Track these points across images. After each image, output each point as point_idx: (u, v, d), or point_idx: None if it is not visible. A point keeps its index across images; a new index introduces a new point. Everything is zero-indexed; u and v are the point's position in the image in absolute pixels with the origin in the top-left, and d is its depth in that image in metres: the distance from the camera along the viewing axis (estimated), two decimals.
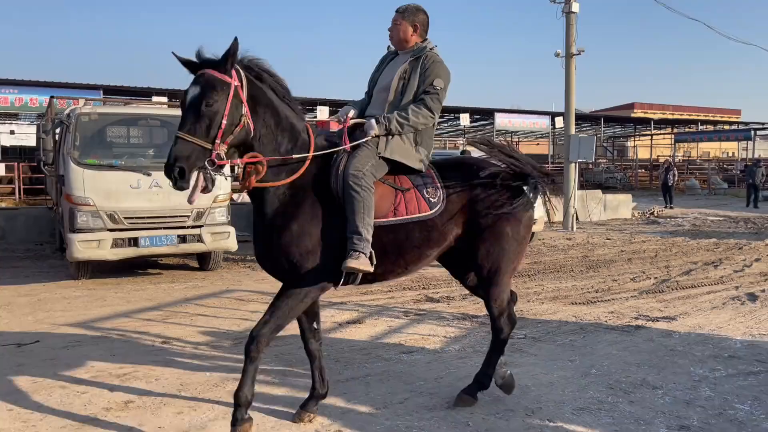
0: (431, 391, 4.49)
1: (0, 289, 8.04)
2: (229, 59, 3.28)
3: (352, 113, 3.93)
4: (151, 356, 5.24)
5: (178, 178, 3.17)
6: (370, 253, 3.55)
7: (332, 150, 3.70)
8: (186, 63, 3.37)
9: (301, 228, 3.52)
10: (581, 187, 18.82)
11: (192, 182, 3.24)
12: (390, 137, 3.74)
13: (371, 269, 3.57)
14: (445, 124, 35.25)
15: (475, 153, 12.82)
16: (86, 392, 4.41)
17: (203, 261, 9.50)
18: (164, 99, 17.73)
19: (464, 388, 4.24)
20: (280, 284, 3.78)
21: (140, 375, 4.78)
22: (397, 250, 3.76)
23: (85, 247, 7.91)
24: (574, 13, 15.63)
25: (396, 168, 3.81)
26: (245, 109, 3.36)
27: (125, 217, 8.01)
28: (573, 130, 16.42)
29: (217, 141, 3.25)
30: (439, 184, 3.86)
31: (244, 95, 3.35)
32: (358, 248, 3.50)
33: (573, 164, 16.03)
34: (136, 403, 4.23)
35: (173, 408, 4.15)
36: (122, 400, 4.28)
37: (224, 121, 3.25)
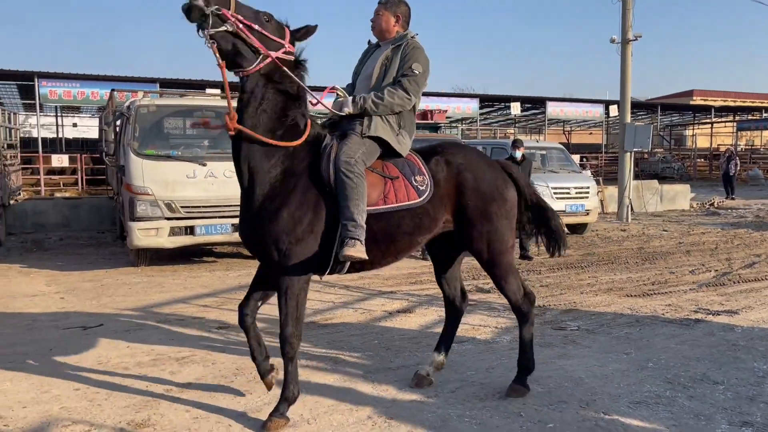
0: (482, 381, 4.47)
1: (66, 274, 8.41)
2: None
3: (338, 89, 3.95)
4: (207, 341, 5.39)
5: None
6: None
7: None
8: None
9: (292, 216, 3.53)
10: (636, 177, 18.30)
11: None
12: (371, 119, 3.77)
13: (366, 256, 3.58)
14: (495, 113, 34.74)
15: (529, 143, 12.59)
16: (147, 374, 4.58)
17: None
18: (217, 91, 18.09)
19: (514, 379, 4.24)
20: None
21: (198, 359, 4.93)
22: (388, 238, 3.79)
23: (144, 235, 8.19)
24: None
25: (383, 154, 3.85)
26: (269, 51, 3.47)
27: (182, 206, 8.24)
28: (629, 118, 15.96)
29: (234, 12, 3.32)
30: (426, 171, 3.88)
31: (286, 44, 3.55)
32: (354, 235, 3.52)
33: (628, 154, 15.59)
34: (194, 386, 4.36)
35: (230, 391, 4.26)
36: (182, 381, 4.42)
37: (249, 13, 3.42)
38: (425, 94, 22.40)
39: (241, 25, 3.35)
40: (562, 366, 4.79)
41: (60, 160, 18.53)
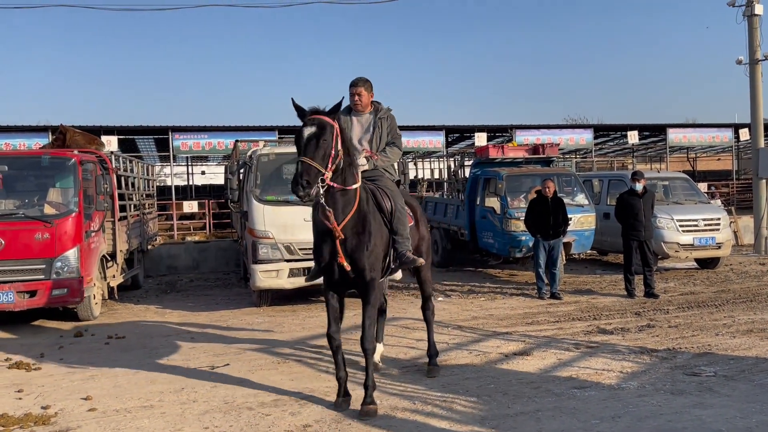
0: (608, 430, 4.22)
1: (196, 315, 8.97)
2: (336, 111, 4.51)
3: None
4: (325, 382, 5.51)
5: (305, 187, 4.20)
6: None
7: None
8: (299, 109, 4.52)
9: (376, 244, 4.81)
10: None
11: (314, 192, 4.30)
12: (389, 168, 5.36)
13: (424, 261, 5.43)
14: (611, 143, 33.40)
15: (649, 174, 11.98)
16: (270, 414, 4.74)
17: None
18: None
19: (428, 363, 5.75)
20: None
21: (316, 400, 5.04)
22: None
23: (265, 276, 8.59)
24: (757, 15, 14.20)
25: None
26: (341, 146, 4.49)
27: (300, 249, 8.56)
28: (762, 142, 14.81)
29: (329, 166, 4.35)
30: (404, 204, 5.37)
31: (340, 137, 4.51)
32: (408, 246, 5.06)
33: (763, 180, 14.39)
34: (313, 427, 4.46)
35: None
36: (301, 423, 4.54)
37: (332, 152, 4.38)
38: (536, 128, 22.15)
39: (331, 174, 4.43)
40: (699, 416, 4.43)
41: (190, 206, 19.93)
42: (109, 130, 18.97)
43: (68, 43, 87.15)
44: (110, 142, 17.32)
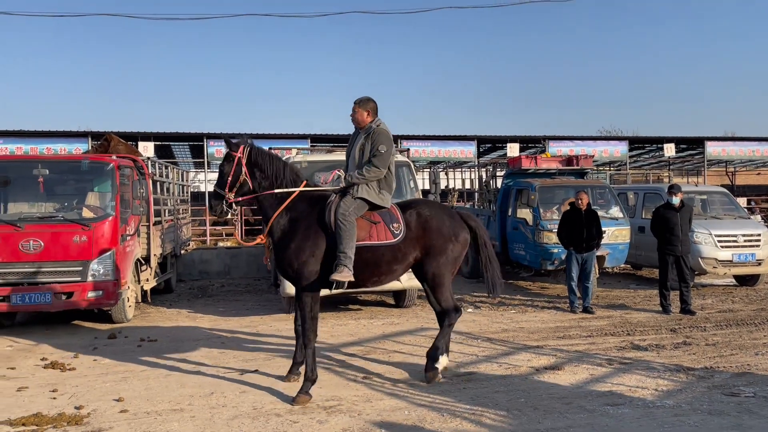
0: None
1: (227, 320, 9.05)
2: (230, 146, 5.37)
3: (340, 171, 5.61)
4: (353, 390, 5.49)
5: (211, 208, 5.43)
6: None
7: (316, 189, 5.60)
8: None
9: (298, 246, 5.26)
10: None
11: (219, 210, 5.43)
12: (359, 186, 5.40)
13: (351, 278, 5.19)
14: (647, 156, 32.83)
15: (687, 187, 11.72)
16: (298, 421, 4.74)
17: (399, 298, 9.83)
18: None
19: (425, 367, 5.74)
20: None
21: (344, 408, 5.03)
22: (374, 264, 5.43)
23: None
24: None
25: (373, 206, 5.46)
26: (244, 171, 5.35)
27: None
28: None
29: (226, 190, 5.34)
30: (401, 220, 5.53)
31: (244, 163, 5.34)
32: (344, 262, 5.15)
33: None
34: None
35: None
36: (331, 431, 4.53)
37: (230, 179, 5.34)
38: (570, 139, 21.91)
39: (233, 196, 5.41)
40: None
41: None
42: (146, 137, 19.37)
43: (109, 50, 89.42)
44: (147, 148, 17.66)
